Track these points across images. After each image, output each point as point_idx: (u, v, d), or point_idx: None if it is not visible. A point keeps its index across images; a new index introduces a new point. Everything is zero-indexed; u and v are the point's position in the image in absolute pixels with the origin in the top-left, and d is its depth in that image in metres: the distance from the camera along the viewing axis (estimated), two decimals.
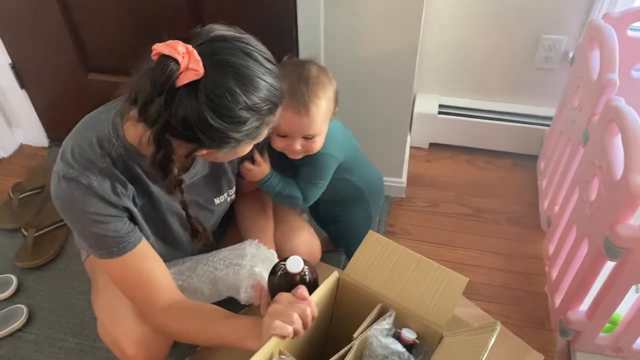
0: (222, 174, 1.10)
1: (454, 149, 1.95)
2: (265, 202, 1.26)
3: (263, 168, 1.16)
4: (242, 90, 0.78)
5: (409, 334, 0.93)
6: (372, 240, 1.04)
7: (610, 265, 1.17)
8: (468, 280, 0.98)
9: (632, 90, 1.44)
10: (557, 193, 1.55)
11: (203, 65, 0.77)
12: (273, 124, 0.89)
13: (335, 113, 1.15)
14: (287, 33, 1.42)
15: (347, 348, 0.88)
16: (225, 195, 1.14)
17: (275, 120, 0.89)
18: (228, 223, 1.26)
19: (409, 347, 0.92)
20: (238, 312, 1.15)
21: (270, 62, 0.84)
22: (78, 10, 1.57)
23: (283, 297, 0.90)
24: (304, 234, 1.27)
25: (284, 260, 0.93)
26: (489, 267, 1.59)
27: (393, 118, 1.57)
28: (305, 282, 0.93)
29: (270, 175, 1.17)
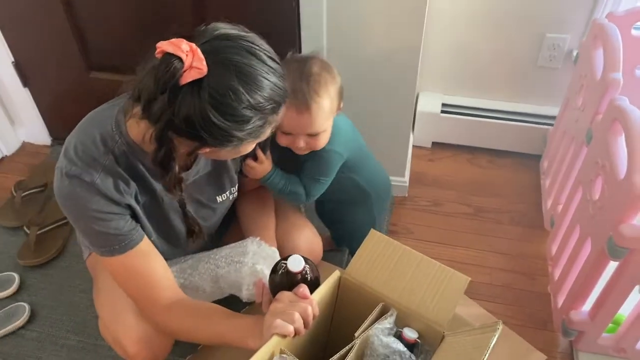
0: (224, 172, 1.10)
1: (457, 148, 1.95)
2: (267, 200, 1.26)
3: (265, 165, 1.15)
4: (245, 89, 0.78)
5: (411, 334, 0.93)
6: (373, 240, 1.03)
7: (614, 265, 1.16)
8: (470, 280, 0.98)
9: (635, 90, 1.44)
10: (560, 192, 1.55)
11: (207, 64, 0.77)
12: (276, 123, 0.88)
13: (341, 108, 1.14)
14: (289, 32, 1.42)
15: (348, 347, 0.88)
16: (228, 194, 1.14)
17: (279, 119, 0.88)
18: (230, 221, 1.26)
19: (411, 346, 0.92)
20: (240, 309, 1.15)
21: (275, 61, 0.84)
22: (81, 9, 1.57)
23: (284, 295, 0.90)
24: (306, 232, 1.26)
25: (285, 259, 0.93)
26: (491, 266, 1.59)
27: (396, 117, 1.57)
28: (307, 280, 0.92)
29: (272, 172, 1.17)
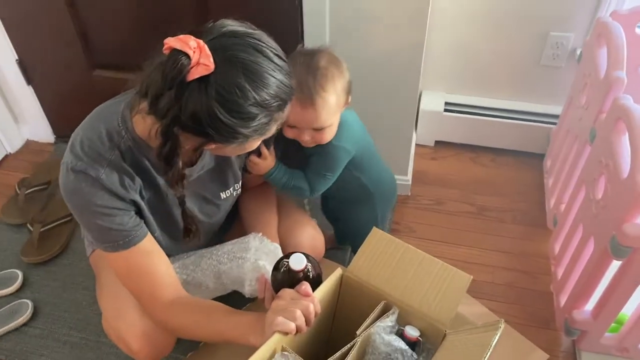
0: (228, 169, 1.10)
1: (460, 147, 1.94)
2: (270, 196, 1.26)
3: (269, 161, 1.15)
4: (251, 87, 0.79)
5: (412, 332, 0.93)
6: (376, 237, 1.03)
7: (617, 265, 1.16)
8: (472, 279, 0.97)
9: (639, 89, 1.43)
10: (563, 191, 1.54)
11: (214, 61, 0.77)
12: (282, 120, 0.89)
13: (348, 103, 1.13)
14: (292, 31, 1.42)
15: (350, 345, 0.88)
16: (232, 190, 1.14)
17: (285, 117, 0.89)
18: (233, 218, 1.26)
19: (412, 344, 0.92)
20: (243, 305, 1.16)
21: (281, 58, 0.84)
22: (84, 7, 1.58)
23: (286, 293, 0.90)
24: (308, 229, 1.26)
25: (287, 257, 0.93)
26: (493, 265, 1.59)
27: (398, 115, 1.57)
28: (309, 278, 0.92)
29: (276, 168, 1.16)
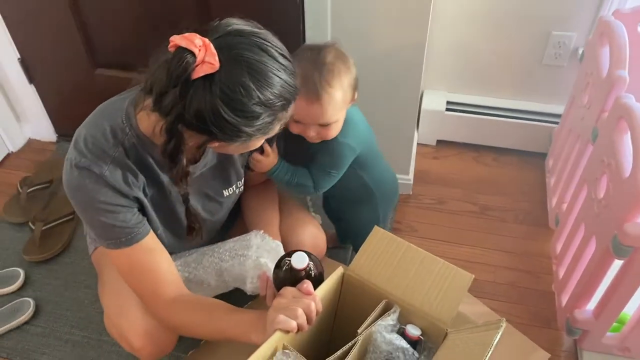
0: (230, 166, 1.10)
1: (462, 146, 1.94)
2: (272, 195, 1.26)
3: (271, 158, 1.15)
4: (256, 86, 0.79)
5: (414, 331, 0.93)
6: (377, 236, 1.03)
7: (618, 264, 1.16)
8: (473, 278, 0.97)
9: None
10: (565, 191, 1.54)
11: (219, 59, 0.77)
12: (286, 120, 0.89)
13: (355, 100, 1.13)
14: (294, 30, 1.42)
15: (351, 344, 0.88)
16: (234, 187, 1.14)
17: (288, 116, 0.89)
18: (236, 216, 1.26)
19: (414, 343, 0.92)
20: (245, 302, 1.16)
21: (286, 58, 0.84)
22: (86, 6, 1.58)
23: (288, 291, 0.90)
24: (310, 227, 1.26)
25: (289, 255, 0.93)
26: (495, 265, 1.58)
27: (400, 115, 1.56)
28: (310, 277, 0.92)
29: (279, 165, 1.16)
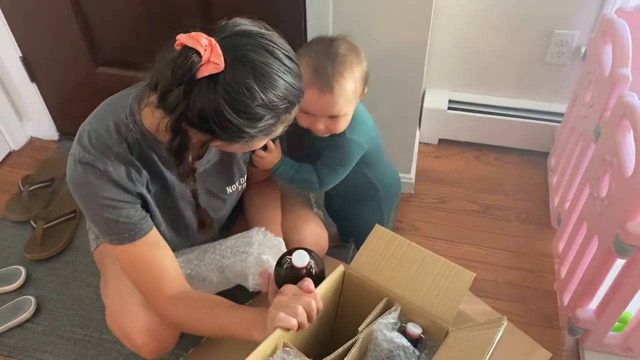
0: (233, 163, 1.10)
1: (463, 145, 1.94)
2: (274, 192, 1.26)
3: (275, 155, 1.14)
4: (260, 88, 0.79)
5: (415, 329, 0.92)
6: (378, 234, 1.03)
7: (620, 263, 1.16)
8: (475, 277, 0.97)
9: None
10: (567, 190, 1.54)
11: (224, 60, 0.77)
12: (289, 122, 0.89)
13: (364, 94, 1.12)
14: (295, 29, 1.41)
15: (351, 342, 0.88)
16: (237, 184, 1.14)
17: (292, 119, 0.88)
18: (238, 213, 1.26)
19: (414, 341, 0.92)
20: (247, 299, 1.16)
21: (292, 60, 0.84)
22: (88, 4, 1.58)
23: (288, 289, 0.90)
24: (312, 225, 1.26)
25: (290, 253, 0.93)
26: (497, 264, 1.58)
27: (402, 113, 1.56)
28: (311, 275, 0.93)
29: (282, 162, 1.16)
